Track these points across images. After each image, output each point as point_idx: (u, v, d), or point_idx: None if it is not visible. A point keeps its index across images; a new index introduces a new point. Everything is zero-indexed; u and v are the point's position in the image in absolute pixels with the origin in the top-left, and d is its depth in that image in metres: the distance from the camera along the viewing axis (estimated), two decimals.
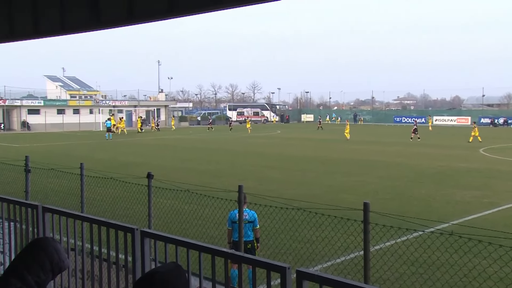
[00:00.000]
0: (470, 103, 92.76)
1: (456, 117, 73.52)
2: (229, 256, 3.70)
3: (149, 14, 6.50)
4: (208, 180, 17.75)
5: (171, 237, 3.93)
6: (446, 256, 7.35)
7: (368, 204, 6.12)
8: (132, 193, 10.60)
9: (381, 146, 35.09)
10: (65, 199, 13.04)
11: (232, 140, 43.54)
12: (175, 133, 55.75)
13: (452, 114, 76.35)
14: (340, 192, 16.50)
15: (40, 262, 2.47)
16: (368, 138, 44.77)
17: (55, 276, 2.54)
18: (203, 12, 6.03)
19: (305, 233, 9.34)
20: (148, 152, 32.46)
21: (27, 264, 2.45)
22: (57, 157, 26.59)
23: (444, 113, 79.68)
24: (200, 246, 3.73)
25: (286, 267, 3.26)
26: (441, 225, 10.52)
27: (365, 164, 24.51)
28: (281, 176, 20.71)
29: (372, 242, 6.77)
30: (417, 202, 14.81)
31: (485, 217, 12.75)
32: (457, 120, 72.25)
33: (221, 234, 9.51)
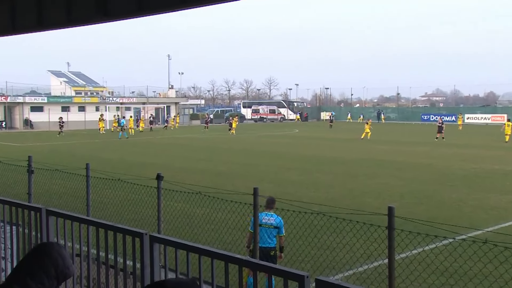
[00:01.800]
0: (507, 99, 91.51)
1: (491, 115, 72.48)
2: (243, 263, 3.71)
3: (121, 12, 6.73)
4: (222, 182, 17.81)
5: (182, 243, 3.95)
6: (480, 266, 7.26)
7: (393, 208, 6.07)
8: (140, 196, 10.68)
9: (406, 146, 34.80)
10: (70, 202, 13.20)
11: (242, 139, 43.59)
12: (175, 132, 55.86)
13: (486, 111, 75.33)
14: (362, 195, 16.41)
15: (44, 268, 2.49)
16: (393, 137, 44.42)
17: (60, 283, 2.56)
18: (172, 10, 6.21)
19: (325, 239, 9.30)
20: (159, 152, 32.68)
21: (31, 271, 2.48)
22: (62, 157, 26.94)
23: (477, 111, 78.64)
24: (213, 253, 3.75)
25: (305, 275, 3.26)
26: (474, 232, 10.39)
27: (389, 165, 24.34)
28: (299, 178, 20.68)
29: (397, 250, 6.71)
30: (446, 207, 14.65)
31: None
32: (491, 118, 71.20)
33: (235, 239, 9.54)
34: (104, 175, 10.00)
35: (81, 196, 11.63)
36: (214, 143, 39.11)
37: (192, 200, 8.68)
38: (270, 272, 3.60)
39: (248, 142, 40.20)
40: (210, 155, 30.37)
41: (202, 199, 8.65)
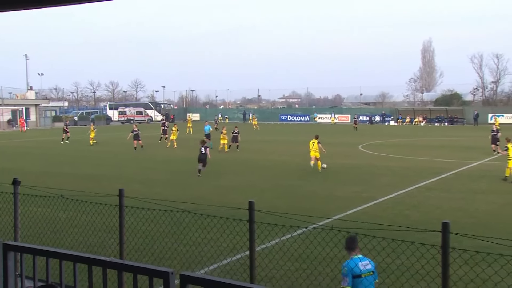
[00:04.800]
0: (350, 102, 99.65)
1: (338, 115, 78.47)
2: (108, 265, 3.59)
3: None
4: (89, 185, 16.95)
5: (40, 248, 3.70)
6: (327, 250, 7.85)
7: (253, 202, 6.32)
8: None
9: (268, 145, 36.25)
10: None
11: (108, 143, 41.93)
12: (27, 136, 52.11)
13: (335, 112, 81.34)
14: (228, 192, 16.76)
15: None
16: (256, 137, 45.97)
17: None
18: (24, 8, 5.82)
19: (191, 236, 9.36)
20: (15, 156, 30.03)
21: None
22: None
23: (326, 111, 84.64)
24: (75, 256, 3.56)
25: (169, 272, 3.24)
26: (324, 220, 11.19)
27: (254, 164, 25.17)
28: (166, 178, 20.47)
29: (257, 241, 6.99)
30: (303, 199, 15.57)
31: (364, 210, 13.83)
32: (338, 118, 77.10)
33: (100, 241, 9.15)
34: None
35: None
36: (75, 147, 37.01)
37: (54, 204, 8.15)
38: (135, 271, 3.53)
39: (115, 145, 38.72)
40: (73, 158, 28.70)
41: (65, 203, 8.16)
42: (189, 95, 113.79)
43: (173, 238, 9.40)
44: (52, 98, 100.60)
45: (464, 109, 71.40)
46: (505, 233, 10.58)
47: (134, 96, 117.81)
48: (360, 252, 6.13)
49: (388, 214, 13.34)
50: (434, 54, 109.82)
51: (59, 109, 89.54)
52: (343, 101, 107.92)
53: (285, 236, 8.79)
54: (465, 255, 5.67)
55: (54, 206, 9.03)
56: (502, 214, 13.46)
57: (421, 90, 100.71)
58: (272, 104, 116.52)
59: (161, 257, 8.88)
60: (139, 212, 7.77)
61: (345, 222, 8.44)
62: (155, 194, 14.21)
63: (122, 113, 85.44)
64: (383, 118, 75.29)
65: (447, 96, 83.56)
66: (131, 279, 3.40)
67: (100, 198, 7.84)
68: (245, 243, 6.68)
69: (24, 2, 5.35)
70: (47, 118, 74.94)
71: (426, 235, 5.59)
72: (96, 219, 8.69)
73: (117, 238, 7.73)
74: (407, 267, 7.75)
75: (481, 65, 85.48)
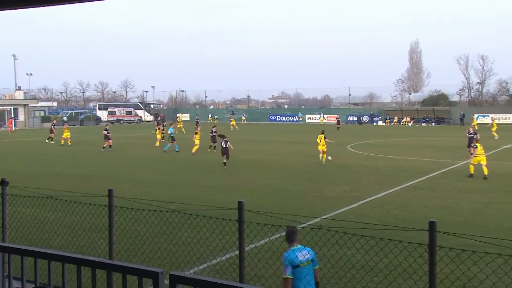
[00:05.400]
0: (339, 102, 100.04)
1: (327, 115, 78.75)
2: (97, 265, 3.57)
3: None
4: (78, 185, 16.83)
5: (28, 249, 3.67)
6: (316, 249, 7.85)
7: (243, 203, 6.32)
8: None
9: (256, 145, 36.25)
10: None
11: None
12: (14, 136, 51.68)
13: (324, 112, 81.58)
14: (217, 192, 16.74)
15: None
16: (245, 137, 45.97)
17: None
18: (12, 8, 5.74)
19: (180, 235, 9.32)
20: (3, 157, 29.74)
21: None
22: None
23: (315, 111, 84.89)
24: (64, 257, 3.54)
25: (159, 272, 3.23)
26: (313, 220, 11.24)
27: (242, 163, 25.16)
28: (156, 177, 20.39)
29: (247, 241, 7.00)
30: (292, 199, 15.60)
31: (352, 210, 13.89)
32: (327, 118, 77.39)
33: (89, 242, 9.09)
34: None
35: None
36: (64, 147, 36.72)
37: (43, 205, 8.09)
38: (125, 271, 3.51)
39: None
40: (62, 158, 28.49)
41: (55, 203, 8.10)
42: (178, 96, 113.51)
43: (162, 238, 9.37)
44: (41, 98, 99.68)
45: (451, 110, 72.00)
46: (490, 232, 10.71)
47: (124, 97, 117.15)
48: (299, 242, 6.29)
49: (376, 213, 13.41)
50: (421, 55, 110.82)
51: (48, 109, 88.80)
52: (332, 101, 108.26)
53: (274, 236, 8.80)
54: (451, 253, 5.72)
55: (43, 207, 8.96)
56: (487, 213, 13.60)
57: (408, 90, 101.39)
58: (262, 104, 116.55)
59: (151, 257, 8.85)
60: (128, 212, 7.73)
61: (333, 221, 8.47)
62: (145, 194, 14.18)
63: (112, 113, 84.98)
64: (371, 118, 75.68)
65: (434, 97, 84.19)
66: (121, 280, 3.39)
67: (89, 198, 7.79)
68: (234, 243, 6.68)
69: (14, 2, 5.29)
70: (35, 118, 74.26)
71: (414, 233, 5.63)
72: (86, 220, 8.64)
73: (106, 238, 7.69)
74: (394, 265, 7.79)
75: (467, 66, 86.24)
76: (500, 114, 67.40)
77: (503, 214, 13.31)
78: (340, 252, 7.80)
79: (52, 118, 69.27)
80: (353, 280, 7.59)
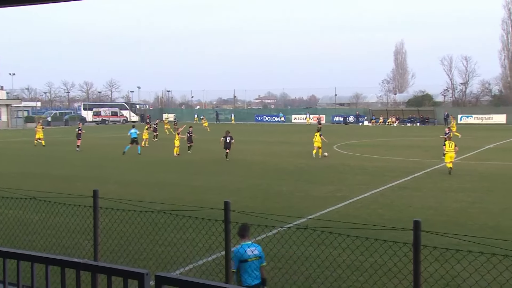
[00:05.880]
0: (325, 102, 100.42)
1: (313, 116, 79.06)
2: (81, 267, 3.53)
3: None
4: (63, 186, 16.65)
5: (10, 251, 3.61)
6: (302, 249, 7.91)
7: (229, 203, 6.31)
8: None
9: (243, 145, 36.23)
10: None
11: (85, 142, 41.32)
12: None
13: (310, 112, 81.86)
14: (204, 192, 16.69)
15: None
16: None
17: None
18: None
19: (166, 236, 9.28)
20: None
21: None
22: None
23: (301, 112, 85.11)
24: (47, 259, 3.49)
25: (144, 273, 3.21)
26: (299, 220, 11.27)
27: (231, 163, 25.13)
28: (142, 178, 20.27)
29: (233, 241, 6.98)
30: (279, 199, 15.62)
31: (338, 209, 13.96)
32: (313, 118, 77.70)
33: (74, 243, 9.00)
34: None
35: None
36: (48, 148, 36.30)
37: (26, 206, 7.99)
38: (110, 272, 3.48)
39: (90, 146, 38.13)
40: (46, 159, 28.18)
41: (38, 204, 8.01)
42: (164, 96, 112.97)
43: (148, 239, 9.32)
44: (24, 98, 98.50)
45: (435, 110, 72.73)
46: (473, 231, 10.84)
47: (109, 97, 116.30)
48: (249, 239, 6.55)
49: (362, 213, 13.50)
50: (406, 56, 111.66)
51: (32, 110, 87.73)
52: (318, 101, 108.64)
53: (260, 236, 8.81)
54: (436, 252, 5.78)
55: (26, 208, 8.87)
56: (471, 212, 13.77)
57: (394, 91, 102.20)
58: (248, 104, 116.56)
59: (136, 258, 8.79)
60: (114, 213, 7.67)
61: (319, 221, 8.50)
62: (130, 195, 14.07)
63: (97, 114, 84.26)
64: (357, 119, 76.12)
65: (419, 97, 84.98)
66: (106, 281, 3.36)
67: (74, 199, 7.71)
68: (220, 243, 6.67)
69: None
70: (19, 118, 73.35)
71: (399, 233, 5.68)
72: (70, 221, 8.56)
73: (91, 239, 7.62)
74: (380, 265, 7.85)
75: (451, 67, 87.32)
76: (483, 115, 68.34)
77: (486, 214, 13.49)
78: (326, 252, 7.84)
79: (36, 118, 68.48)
80: (338, 280, 7.63)
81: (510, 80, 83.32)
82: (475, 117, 68.52)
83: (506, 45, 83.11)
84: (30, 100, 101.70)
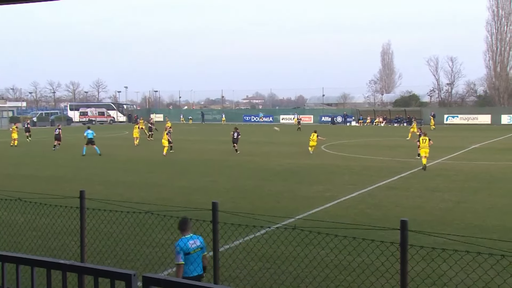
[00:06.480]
0: (313, 103, 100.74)
1: (301, 116, 79.37)
2: (67, 268, 3.50)
3: None
4: (48, 187, 16.49)
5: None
6: (290, 249, 7.92)
7: (217, 203, 6.30)
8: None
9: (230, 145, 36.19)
10: None
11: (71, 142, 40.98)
12: None
13: (298, 113, 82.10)
14: (192, 193, 16.64)
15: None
16: (220, 137, 45.83)
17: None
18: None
19: (154, 237, 9.24)
20: None
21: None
22: None
23: (289, 112, 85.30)
24: (33, 260, 3.46)
25: (132, 274, 3.19)
26: (288, 220, 11.28)
27: (218, 163, 25.09)
28: (129, 179, 20.15)
29: (221, 242, 6.98)
30: (267, 199, 15.62)
31: (326, 209, 14.00)
32: (301, 119, 78.00)
33: (60, 244, 8.92)
34: None
35: None
36: (33, 148, 35.94)
37: (11, 207, 7.90)
38: (97, 274, 3.46)
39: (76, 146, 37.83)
40: (31, 160, 27.89)
41: (23, 205, 7.92)
42: (152, 96, 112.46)
43: (135, 240, 9.26)
44: (9, 99, 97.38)
45: (422, 110, 73.38)
46: (459, 230, 10.96)
47: (96, 97, 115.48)
48: (191, 232, 6.72)
49: (350, 213, 13.56)
50: (393, 56, 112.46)
51: (17, 110, 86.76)
52: (306, 102, 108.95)
53: (248, 236, 8.81)
54: (423, 251, 5.83)
55: (11, 209, 8.76)
56: (457, 211, 13.91)
57: (381, 91, 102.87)
58: (236, 105, 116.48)
59: (124, 259, 8.74)
60: (101, 214, 7.61)
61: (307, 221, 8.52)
62: (117, 196, 13.99)
63: (84, 114, 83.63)
64: (344, 119, 76.46)
65: (406, 98, 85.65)
66: (93, 283, 3.33)
67: (60, 200, 7.64)
68: (208, 244, 6.66)
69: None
70: (3, 118, 72.51)
71: (386, 233, 5.72)
72: (56, 222, 8.48)
73: (78, 240, 7.56)
74: (367, 264, 7.89)
75: (437, 68, 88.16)
76: (468, 115, 69.10)
77: (472, 213, 13.64)
78: (314, 252, 7.87)
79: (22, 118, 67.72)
80: (326, 280, 7.66)
81: (494, 81, 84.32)
82: (460, 117, 69.23)
83: (491, 46, 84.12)
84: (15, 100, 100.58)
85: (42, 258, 3.50)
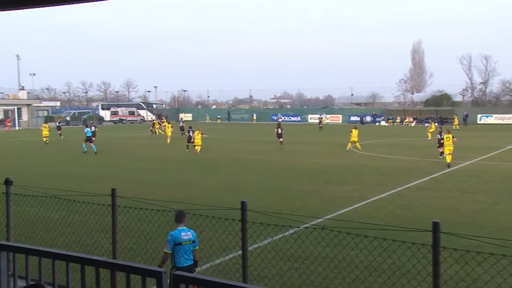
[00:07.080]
0: (341, 102, 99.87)
1: (329, 115, 78.78)
2: (101, 265, 3.57)
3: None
4: (81, 185, 16.85)
5: (32, 248, 3.67)
6: (319, 250, 7.87)
7: (246, 202, 6.32)
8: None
9: (259, 145, 36.24)
10: None
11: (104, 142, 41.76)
12: None
13: (327, 112, 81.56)
14: (220, 192, 16.73)
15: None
16: (249, 137, 45.94)
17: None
18: (17, 8, 5.72)
19: None
20: (7, 156, 29.81)
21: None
22: None
23: (317, 112, 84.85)
24: (68, 256, 3.54)
25: (162, 271, 3.24)
26: (316, 220, 11.22)
27: (246, 163, 25.16)
28: (158, 177, 20.40)
29: (250, 241, 6.99)
30: (294, 199, 15.58)
31: (355, 210, 13.86)
32: (329, 118, 77.40)
33: (93, 241, 9.10)
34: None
35: None
36: (66, 147, 36.79)
37: (47, 204, 8.10)
38: (128, 271, 3.52)
39: (107, 145, 38.55)
40: (65, 158, 28.55)
41: (58, 202, 8.11)
42: (181, 95, 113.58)
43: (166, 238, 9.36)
44: (44, 98, 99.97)
45: (454, 110, 71.83)
46: (494, 232, 10.68)
47: (126, 96, 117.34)
48: (185, 224, 7.09)
49: (379, 213, 13.38)
50: (424, 55, 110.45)
51: (51, 109, 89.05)
52: (334, 101, 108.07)
53: (277, 236, 8.80)
54: (456, 254, 5.70)
55: (46, 206, 8.98)
56: (491, 213, 13.56)
57: (411, 90, 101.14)
58: (264, 104, 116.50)
59: (154, 257, 8.85)
60: (131, 211, 7.73)
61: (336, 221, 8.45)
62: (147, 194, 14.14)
63: (115, 113, 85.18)
64: (374, 119, 75.53)
65: (437, 97, 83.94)
66: (124, 279, 3.39)
67: (92, 197, 7.80)
68: (237, 243, 6.68)
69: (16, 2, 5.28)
70: (39, 118, 74.54)
71: (417, 234, 5.61)
72: (89, 219, 8.66)
73: (110, 237, 7.70)
74: (398, 266, 7.77)
75: (470, 66, 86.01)
76: (503, 114, 67.21)
77: (507, 215, 13.28)
78: (343, 253, 7.80)
79: (56, 118, 69.41)
80: (356, 281, 7.58)
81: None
82: (495, 117, 67.42)
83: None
84: (49, 100, 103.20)
85: (76, 254, 3.58)
